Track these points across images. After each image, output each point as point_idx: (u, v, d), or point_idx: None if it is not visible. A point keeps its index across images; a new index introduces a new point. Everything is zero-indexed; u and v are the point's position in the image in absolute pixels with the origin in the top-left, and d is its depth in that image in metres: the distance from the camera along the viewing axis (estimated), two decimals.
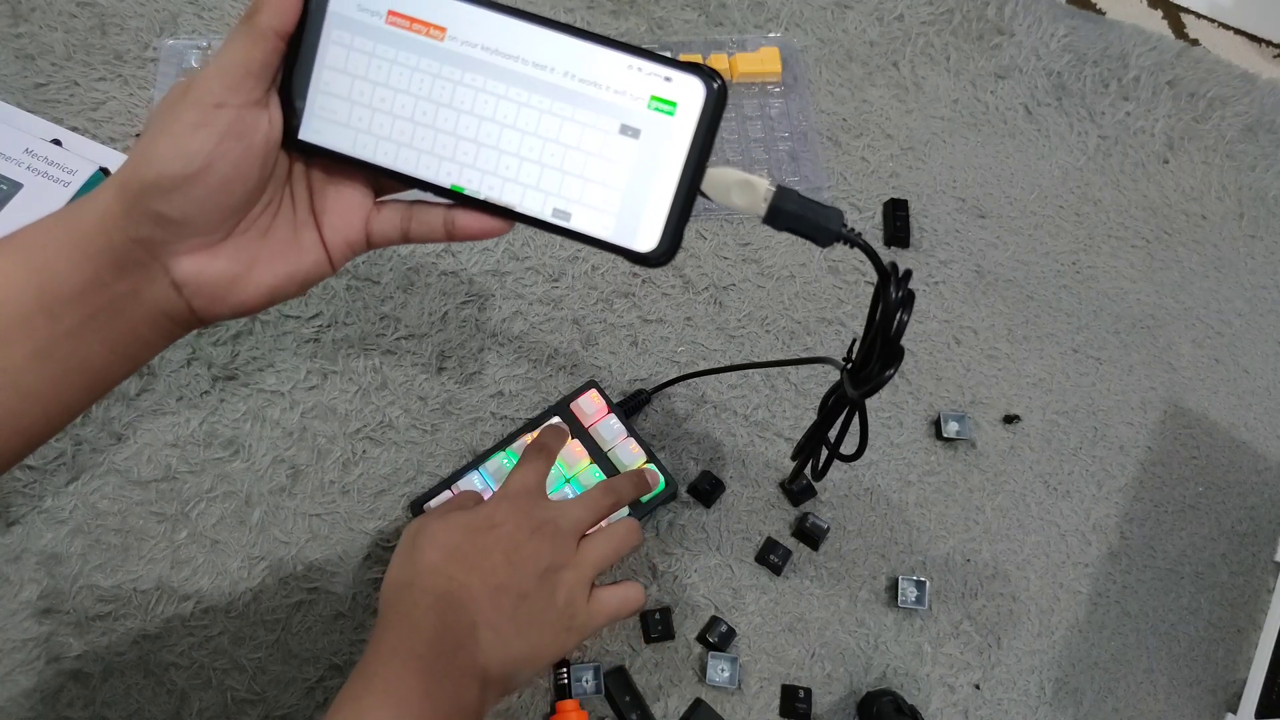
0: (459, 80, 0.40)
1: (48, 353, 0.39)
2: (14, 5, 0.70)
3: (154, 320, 0.40)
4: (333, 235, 0.43)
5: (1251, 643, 0.66)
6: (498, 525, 0.50)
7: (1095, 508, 0.67)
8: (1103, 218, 0.76)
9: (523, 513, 0.51)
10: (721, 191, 0.41)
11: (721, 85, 0.39)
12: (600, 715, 0.57)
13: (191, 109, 0.37)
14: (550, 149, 0.41)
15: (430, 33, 0.40)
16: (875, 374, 0.44)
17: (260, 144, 0.39)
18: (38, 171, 0.62)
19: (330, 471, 0.61)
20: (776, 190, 0.41)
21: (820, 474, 0.57)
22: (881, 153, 0.76)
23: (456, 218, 0.42)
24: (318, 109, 0.41)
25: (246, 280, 0.41)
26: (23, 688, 0.54)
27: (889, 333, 0.43)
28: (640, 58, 0.39)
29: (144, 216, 0.37)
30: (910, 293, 0.42)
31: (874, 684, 0.60)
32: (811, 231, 0.42)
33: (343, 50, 0.40)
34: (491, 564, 0.48)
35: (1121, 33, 0.82)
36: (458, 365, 0.65)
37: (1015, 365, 0.70)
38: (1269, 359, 0.73)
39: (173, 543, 0.58)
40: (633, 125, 0.40)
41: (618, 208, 0.41)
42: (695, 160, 0.40)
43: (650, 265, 0.42)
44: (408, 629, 0.45)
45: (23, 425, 0.40)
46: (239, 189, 0.39)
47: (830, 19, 0.80)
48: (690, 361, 0.67)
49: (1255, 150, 0.80)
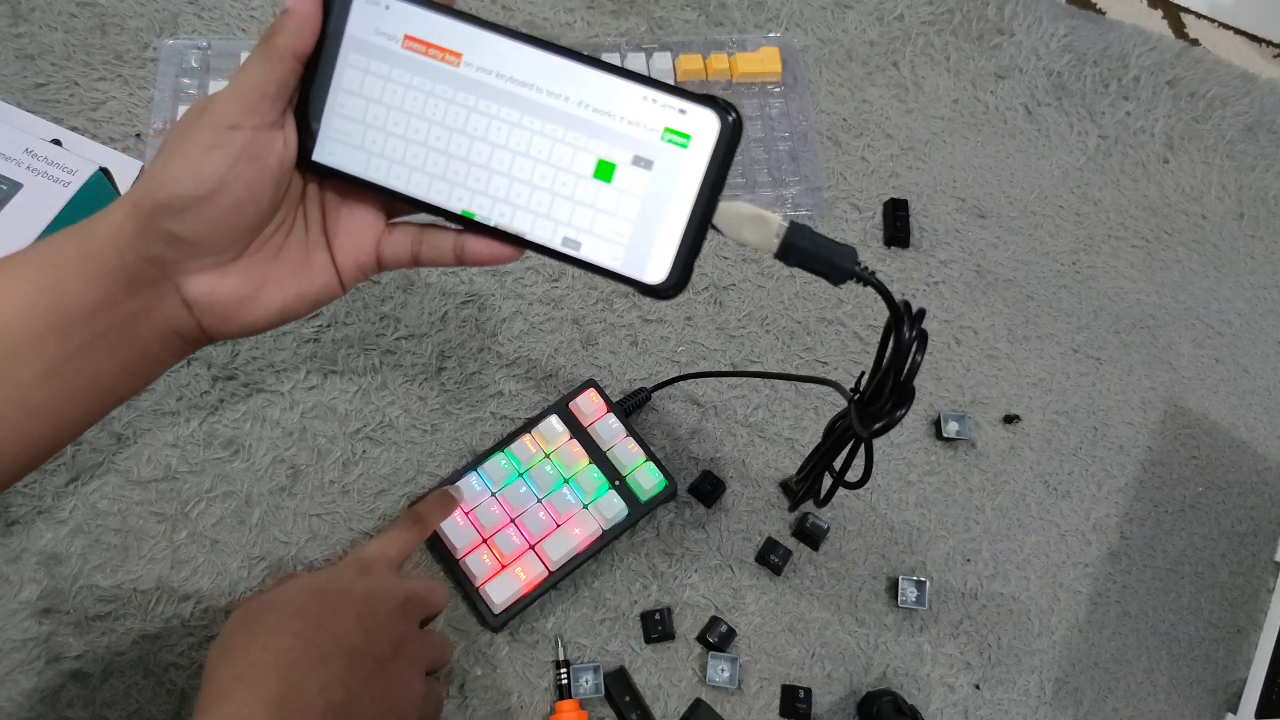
0: (473, 106, 0.40)
1: (58, 370, 0.39)
2: (14, 5, 0.70)
3: (164, 338, 0.40)
4: (344, 257, 0.43)
5: (1251, 643, 0.66)
6: (349, 589, 0.45)
7: (1095, 508, 0.67)
8: (1103, 218, 0.76)
9: (378, 579, 0.47)
10: (733, 226, 0.41)
11: (737, 119, 0.39)
12: (600, 715, 0.57)
13: (206, 130, 0.37)
14: (562, 178, 0.40)
15: (446, 58, 0.40)
16: (886, 412, 0.44)
17: (274, 166, 0.39)
18: (38, 171, 0.62)
19: (330, 471, 0.61)
20: (789, 226, 0.41)
21: (824, 501, 0.58)
22: (881, 153, 0.76)
23: (466, 243, 0.42)
24: (332, 131, 0.41)
25: (257, 300, 0.41)
26: (23, 688, 0.54)
27: (901, 373, 0.42)
28: (655, 89, 0.39)
29: (156, 236, 0.38)
30: (924, 332, 0.42)
31: (874, 684, 0.60)
32: (824, 269, 0.41)
33: (359, 73, 0.40)
34: (344, 626, 0.43)
35: (1121, 33, 0.82)
36: (458, 365, 0.65)
37: (1015, 365, 0.70)
38: (1269, 359, 0.73)
39: (173, 543, 0.58)
40: (646, 156, 0.40)
41: (628, 239, 0.41)
42: (708, 193, 0.40)
43: (660, 297, 0.42)
44: (242, 693, 0.39)
45: (30, 441, 0.40)
46: (251, 210, 0.39)
47: (830, 19, 0.80)
48: (690, 361, 0.67)
49: (1255, 150, 0.80)
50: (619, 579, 0.61)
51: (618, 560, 0.61)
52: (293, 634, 0.42)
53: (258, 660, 0.41)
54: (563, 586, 0.59)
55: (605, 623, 0.60)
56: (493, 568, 0.57)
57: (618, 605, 0.60)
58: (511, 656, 0.58)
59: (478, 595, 0.57)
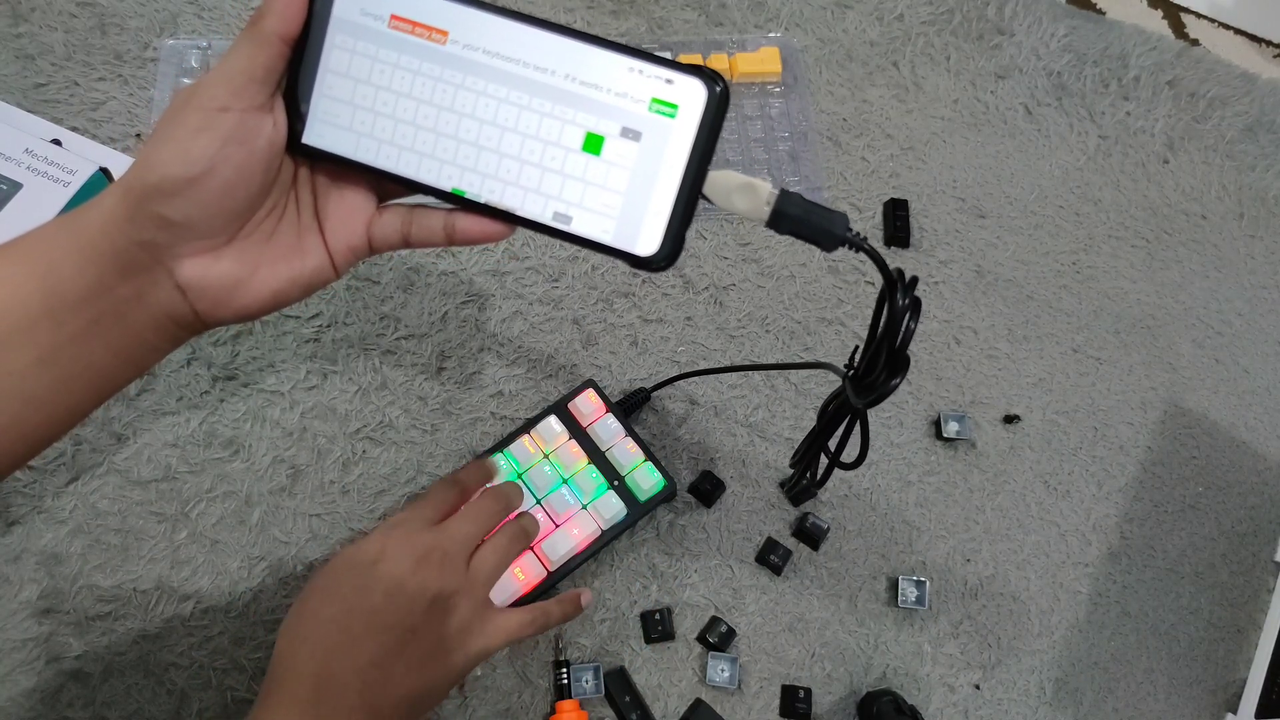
0: (460, 84, 0.40)
1: (52, 358, 0.39)
2: (14, 5, 0.70)
3: (158, 324, 0.40)
4: (335, 240, 0.43)
5: (1251, 643, 0.66)
6: (380, 560, 0.47)
7: (1095, 508, 0.67)
8: (1103, 218, 0.76)
9: (405, 542, 0.48)
10: (723, 195, 0.41)
11: (724, 88, 0.39)
12: (600, 715, 0.57)
13: (195, 113, 0.37)
14: (551, 152, 0.40)
15: (432, 37, 0.40)
16: (880, 383, 0.44)
17: (264, 148, 0.39)
18: (38, 171, 0.62)
19: (330, 471, 0.61)
20: (779, 194, 0.41)
21: (820, 482, 0.57)
22: (881, 153, 0.76)
23: (456, 221, 0.42)
24: (321, 113, 0.41)
25: (250, 284, 0.41)
26: (23, 688, 0.54)
27: (895, 341, 0.42)
28: (641, 60, 0.39)
29: (147, 220, 0.38)
30: (917, 300, 0.41)
31: (874, 684, 0.60)
32: (815, 236, 0.41)
33: (346, 54, 0.40)
34: (372, 604, 0.46)
35: (1121, 33, 0.82)
36: (458, 365, 0.65)
37: (1015, 365, 0.70)
38: (1269, 359, 0.73)
39: (173, 543, 0.58)
40: (634, 128, 0.40)
41: (618, 211, 0.41)
42: (697, 163, 0.40)
43: (651, 269, 0.42)
44: (291, 679, 0.44)
45: (26, 430, 0.40)
46: (242, 193, 0.39)
47: (830, 19, 0.80)
48: (690, 361, 0.67)
49: (1255, 150, 0.80)
50: (619, 579, 0.61)
51: (617, 560, 0.61)
52: (328, 620, 0.46)
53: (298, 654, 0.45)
54: (562, 587, 0.59)
55: (605, 623, 0.60)
56: None
57: (618, 605, 0.60)
58: (512, 656, 0.58)
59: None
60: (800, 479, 0.60)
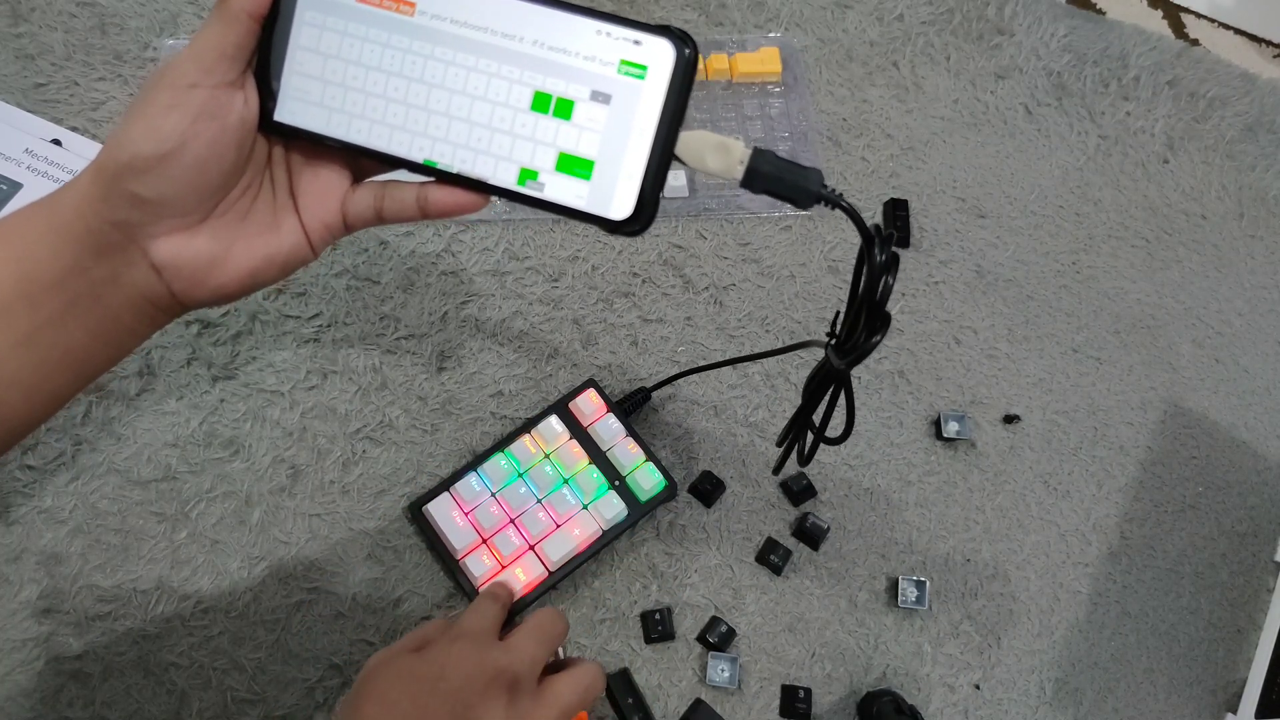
0: (429, 54, 0.40)
1: (30, 341, 0.39)
2: (14, 5, 0.70)
3: (135, 305, 0.40)
4: (310, 218, 0.43)
5: (1251, 643, 0.66)
6: (446, 676, 0.45)
7: (1095, 508, 0.67)
8: (1103, 218, 0.76)
9: (473, 661, 0.45)
10: (696, 155, 0.41)
11: (693, 47, 0.39)
12: (600, 715, 0.57)
13: (165, 91, 0.37)
14: (521, 119, 0.40)
15: (400, 8, 0.40)
16: (862, 342, 0.44)
17: (235, 124, 0.39)
18: (38, 171, 0.62)
19: (330, 471, 0.61)
20: (753, 151, 0.41)
21: (807, 459, 0.57)
22: (881, 153, 0.76)
23: (429, 194, 0.42)
24: (292, 90, 0.41)
25: (225, 262, 0.41)
26: (23, 688, 0.54)
27: (874, 298, 0.42)
28: (609, 23, 0.39)
29: (120, 199, 0.38)
30: (895, 255, 0.41)
31: (874, 684, 0.60)
32: (790, 193, 0.41)
33: (315, 30, 0.40)
34: None
35: (1121, 33, 0.82)
36: (458, 365, 0.65)
37: (1015, 365, 0.70)
38: (1269, 359, 0.73)
39: (173, 543, 0.58)
40: (603, 91, 0.40)
41: (590, 175, 0.41)
42: (668, 124, 0.40)
43: (625, 234, 0.41)
44: None
45: (6, 414, 0.40)
46: (214, 169, 0.39)
47: (830, 19, 0.80)
48: (690, 361, 0.67)
49: (1255, 150, 0.80)
50: (619, 579, 0.61)
51: (617, 560, 0.61)
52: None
53: None
54: (562, 587, 0.59)
55: (605, 623, 0.60)
56: (492, 568, 0.57)
57: (618, 605, 0.60)
58: None
59: (478, 596, 0.57)
60: (786, 458, 0.60)
